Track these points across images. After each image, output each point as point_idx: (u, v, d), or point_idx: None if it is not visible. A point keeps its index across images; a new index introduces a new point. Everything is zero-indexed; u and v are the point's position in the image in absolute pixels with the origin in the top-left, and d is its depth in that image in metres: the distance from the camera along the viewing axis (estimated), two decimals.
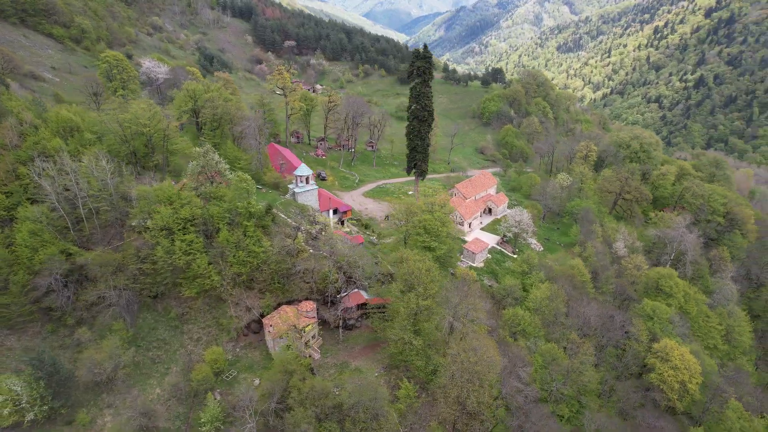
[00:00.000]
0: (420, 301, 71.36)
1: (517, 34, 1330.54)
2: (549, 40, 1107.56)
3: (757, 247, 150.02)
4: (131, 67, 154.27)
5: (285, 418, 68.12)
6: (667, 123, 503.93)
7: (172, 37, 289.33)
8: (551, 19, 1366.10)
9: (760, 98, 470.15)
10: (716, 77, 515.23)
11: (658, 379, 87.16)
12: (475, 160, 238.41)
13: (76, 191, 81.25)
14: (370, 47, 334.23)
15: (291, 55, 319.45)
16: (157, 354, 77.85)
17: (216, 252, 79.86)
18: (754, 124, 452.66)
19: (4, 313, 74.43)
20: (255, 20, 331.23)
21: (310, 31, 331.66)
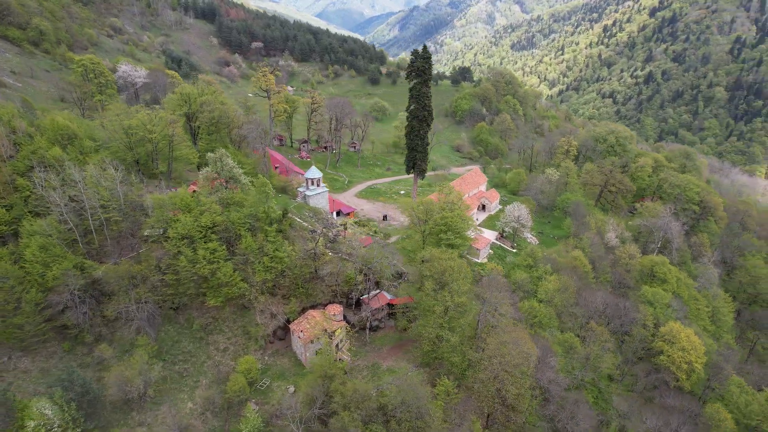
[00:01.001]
0: (455, 298, 72.31)
1: (471, 33, 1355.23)
2: (503, 39, 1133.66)
3: (726, 233, 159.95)
4: (108, 71, 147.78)
5: (329, 423, 67.55)
6: (621, 117, 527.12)
7: (134, 40, 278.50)
8: (503, 18, 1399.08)
9: (704, 92, 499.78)
10: (664, 73, 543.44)
11: (668, 361, 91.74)
12: (453, 158, 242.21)
13: (85, 202, 77.40)
14: (338, 48, 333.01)
15: (259, 56, 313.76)
16: (183, 367, 75.29)
17: (240, 259, 78.00)
18: (700, 117, 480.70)
19: (17, 334, 70.12)
20: (219, 21, 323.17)
21: (276, 32, 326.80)
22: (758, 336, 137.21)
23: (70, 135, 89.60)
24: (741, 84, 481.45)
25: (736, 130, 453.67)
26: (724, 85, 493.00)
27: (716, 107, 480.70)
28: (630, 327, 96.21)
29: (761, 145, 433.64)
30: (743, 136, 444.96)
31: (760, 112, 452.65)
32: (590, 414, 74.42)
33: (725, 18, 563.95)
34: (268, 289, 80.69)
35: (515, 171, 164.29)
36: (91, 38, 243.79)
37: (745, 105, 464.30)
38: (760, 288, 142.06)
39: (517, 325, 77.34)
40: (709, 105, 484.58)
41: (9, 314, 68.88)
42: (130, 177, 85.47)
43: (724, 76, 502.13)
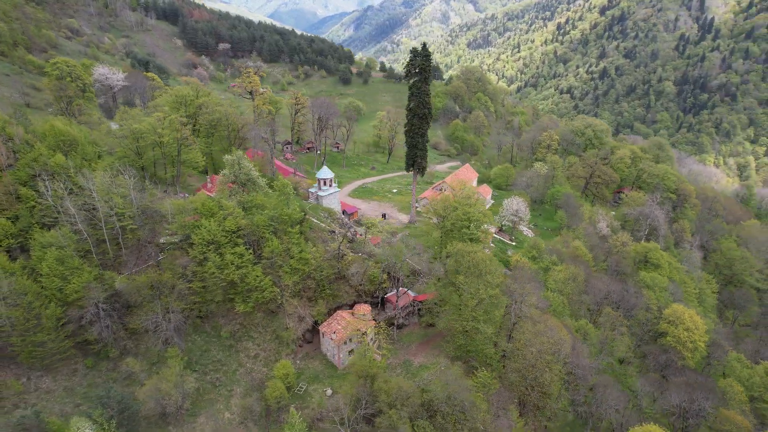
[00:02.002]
0: (489, 290, 73.44)
1: (426, 32, 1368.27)
2: (459, 37, 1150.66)
3: (700, 219, 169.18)
4: (86, 74, 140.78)
5: (375, 422, 67.28)
6: (579, 112, 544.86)
7: (95, 41, 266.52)
8: (458, 17, 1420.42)
9: (655, 87, 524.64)
10: (617, 69, 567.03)
11: (675, 341, 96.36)
12: (432, 156, 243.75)
13: (99, 210, 73.79)
14: (307, 48, 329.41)
15: (226, 58, 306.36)
16: (215, 377, 73.07)
17: (266, 263, 76.33)
18: (652, 110, 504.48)
19: (38, 353, 66.17)
20: (183, 23, 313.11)
21: (243, 33, 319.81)
22: (737, 314, 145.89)
23: (71, 141, 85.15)
24: (687, 78, 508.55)
25: (685, 122, 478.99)
26: (672, 79, 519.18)
27: (666, 101, 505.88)
28: (635, 311, 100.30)
29: (709, 136, 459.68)
30: (693, 127, 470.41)
31: (706, 105, 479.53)
32: (620, 396, 77.33)
33: (670, 16, 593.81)
34: (294, 292, 79.29)
35: (503, 166, 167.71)
36: (50, 40, 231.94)
37: (693, 98, 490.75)
38: (735, 269, 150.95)
39: (543, 315, 79.30)
40: (660, 99, 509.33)
41: (29, 332, 64.93)
42: (143, 183, 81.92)
43: (671, 71, 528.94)
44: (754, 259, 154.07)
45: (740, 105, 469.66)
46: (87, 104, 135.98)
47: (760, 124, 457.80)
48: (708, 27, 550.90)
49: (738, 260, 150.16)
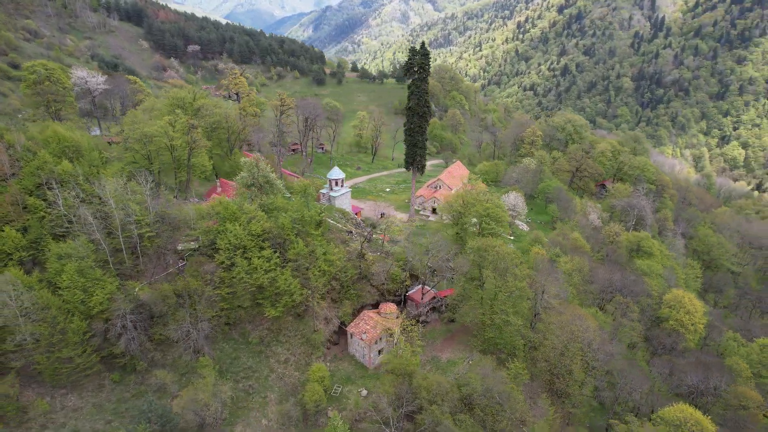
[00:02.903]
0: (517, 283, 74.92)
1: (387, 32, 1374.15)
2: (420, 37, 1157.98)
3: (677, 208, 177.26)
4: (66, 78, 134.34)
5: (416, 419, 67.57)
6: (543, 108, 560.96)
7: (55, 43, 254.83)
8: (417, 17, 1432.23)
9: (614, 83, 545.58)
10: (578, 66, 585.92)
11: (677, 324, 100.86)
12: None
13: (116, 218, 70.87)
14: (278, 49, 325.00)
15: (196, 60, 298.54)
16: (248, 384, 71.44)
17: (293, 265, 75.19)
18: (613, 105, 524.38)
19: (64, 370, 63.05)
20: (148, 24, 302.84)
21: (212, 34, 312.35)
22: (717, 298, 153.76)
23: (75, 147, 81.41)
24: (644, 74, 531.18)
25: (644, 117, 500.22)
26: (629, 75, 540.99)
27: (625, 96, 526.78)
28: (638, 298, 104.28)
29: (666, 129, 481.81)
30: (651, 121, 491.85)
31: (662, 100, 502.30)
32: (642, 379, 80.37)
33: (624, 15, 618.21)
34: (322, 294, 78.52)
35: (492, 163, 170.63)
36: (9, 42, 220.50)
37: (650, 93, 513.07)
38: (713, 255, 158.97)
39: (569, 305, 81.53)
40: (620, 94, 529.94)
41: (54, 348, 61.82)
42: (159, 188, 79.16)
43: (628, 67, 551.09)
44: (728, 244, 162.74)
45: (693, 99, 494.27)
46: (68, 109, 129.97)
47: (711, 117, 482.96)
48: (659, 25, 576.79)
49: (715, 246, 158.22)
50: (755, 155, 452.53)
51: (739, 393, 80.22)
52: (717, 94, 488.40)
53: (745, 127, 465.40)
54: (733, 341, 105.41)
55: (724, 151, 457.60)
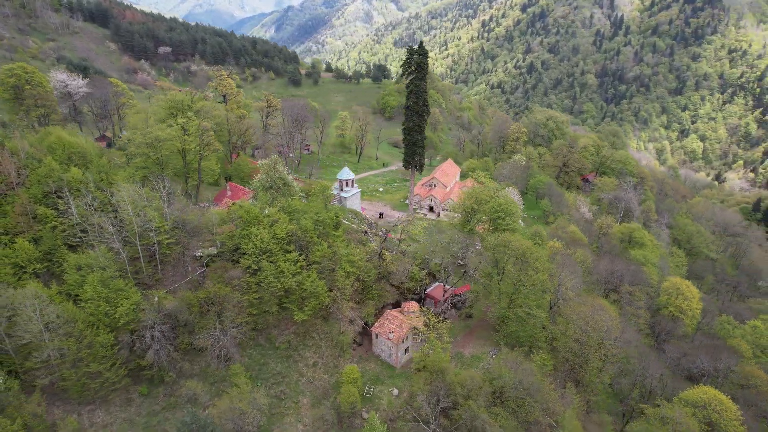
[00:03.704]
0: (539, 276, 76.51)
1: (351, 32, 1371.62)
2: (385, 36, 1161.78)
3: (658, 199, 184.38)
4: (46, 81, 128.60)
5: (452, 415, 68.13)
6: (511, 106, 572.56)
7: (19, 46, 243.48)
8: (381, 17, 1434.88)
9: (578, 80, 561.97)
10: (543, 63, 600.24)
11: (677, 310, 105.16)
12: (395, 154, 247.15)
13: (135, 225, 68.57)
14: (252, 49, 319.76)
15: (167, 62, 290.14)
16: (279, 390, 70.32)
17: (319, 267, 74.47)
18: (578, 101, 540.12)
19: (92, 385, 60.52)
20: (115, 25, 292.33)
21: (183, 35, 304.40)
22: (698, 284, 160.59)
23: (81, 153, 78.21)
24: (606, 71, 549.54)
25: (609, 112, 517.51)
26: (593, 72, 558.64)
27: (590, 92, 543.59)
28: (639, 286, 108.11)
29: (630, 124, 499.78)
30: (615, 116, 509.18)
31: (624, 95, 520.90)
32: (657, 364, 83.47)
33: (585, 14, 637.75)
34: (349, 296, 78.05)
35: (483, 160, 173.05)
36: None
37: (613, 89, 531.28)
38: (693, 243, 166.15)
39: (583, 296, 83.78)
40: (585, 90, 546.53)
41: (82, 362, 59.31)
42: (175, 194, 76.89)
43: (592, 64, 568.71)
44: (706, 233, 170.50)
45: (653, 94, 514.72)
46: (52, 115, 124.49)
47: (671, 112, 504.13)
48: (619, 24, 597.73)
49: (695, 234, 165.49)
50: (712, 147, 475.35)
51: (747, 372, 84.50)
52: (675, 89, 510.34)
53: (702, 121, 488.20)
54: (728, 324, 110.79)
55: (684, 144, 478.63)
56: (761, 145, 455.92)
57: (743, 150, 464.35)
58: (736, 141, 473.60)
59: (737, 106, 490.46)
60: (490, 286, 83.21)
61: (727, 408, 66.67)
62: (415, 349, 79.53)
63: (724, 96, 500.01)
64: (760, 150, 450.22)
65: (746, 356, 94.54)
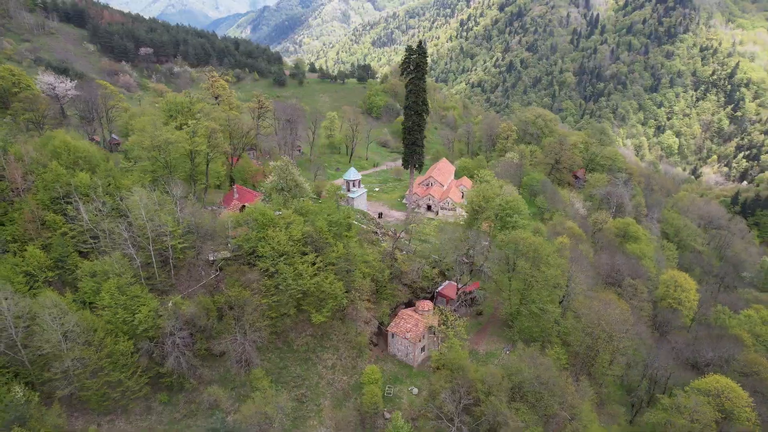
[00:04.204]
0: (553, 271, 77.63)
1: (328, 32, 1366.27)
2: (363, 36, 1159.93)
3: (645, 194, 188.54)
4: (33, 84, 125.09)
5: (474, 411, 68.61)
6: (492, 104, 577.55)
7: None
8: (358, 16, 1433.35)
9: (557, 78, 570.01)
10: (522, 62, 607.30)
11: (675, 302, 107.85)
12: (384, 154, 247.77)
13: (148, 230, 67.22)
14: (235, 50, 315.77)
15: (149, 63, 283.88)
16: (300, 392, 69.86)
17: (336, 268, 74.14)
18: (557, 99, 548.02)
19: (112, 394, 59.17)
20: (94, 26, 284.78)
21: (164, 36, 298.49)
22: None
23: (87, 157, 76.31)
24: (584, 69, 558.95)
25: (587, 109, 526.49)
26: (571, 70, 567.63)
27: (569, 90, 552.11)
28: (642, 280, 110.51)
29: (608, 121, 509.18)
30: (594, 113, 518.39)
31: (603, 93, 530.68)
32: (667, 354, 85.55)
33: (562, 13, 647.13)
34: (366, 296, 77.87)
35: (477, 158, 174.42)
36: None
37: (591, 87, 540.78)
38: (681, 236, 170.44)
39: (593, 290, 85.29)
40: (563, 88, 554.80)
41: (102, 371, 57.93)
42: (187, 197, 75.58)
43: (570, 63, 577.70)
44: (693, 226, 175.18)
45: (630, 92, 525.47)
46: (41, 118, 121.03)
47: (647, 109, 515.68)
48: (595, 23, 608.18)
49: (683, 228, 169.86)
50: (687, 143, 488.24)
51: (750, 360, 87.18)
52: (651, 86, 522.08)
53: (677, 117, 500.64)
54: (723, 314, 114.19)
55: (660, 139, 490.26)
56: (733, 140, 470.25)
57: (716, 145, 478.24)
58: (709, 136, 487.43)
59: (710, 102, 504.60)
60: (500, 282, 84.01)
61: (739, 395, 68.84)
62: (431, 348, 79.91)
63: (698, 93, 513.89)
64: (733, 145, 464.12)
65: (747, 344, 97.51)
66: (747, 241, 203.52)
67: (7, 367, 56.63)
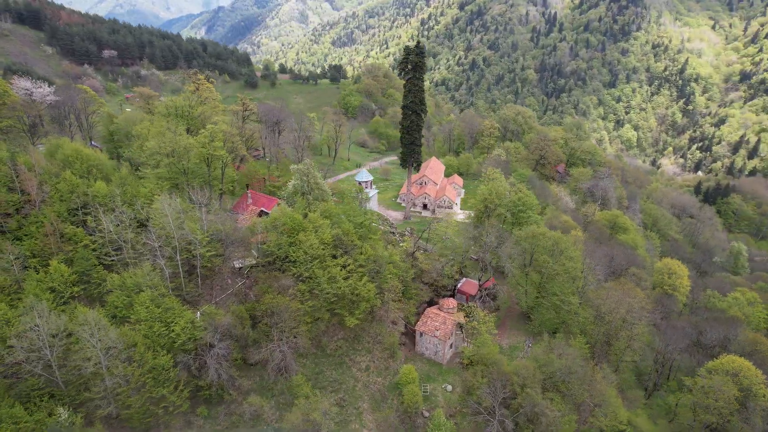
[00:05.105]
0: (573, 264, 79.92)
1: (287, 32, 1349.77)
2: (323, 36, 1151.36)
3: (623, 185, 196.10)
4: (11, 91, 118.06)
5: (512, 405, 69.96)
6: (456, 102, 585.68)
7: None
8: (316, 16, 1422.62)
9: (519, 75, 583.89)
10: (485, 60, 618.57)
11: (671, 289, 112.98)
12: (364, 154, 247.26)
13: (176, 240, 65.17)
14: (203, 52, 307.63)
15: (113, 66, 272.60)
16: (339, 397, 69.26)
17: (365, 270, 73.81)
18: (520, 96, 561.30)
19: (157, 411, 57.03)
20: (52, 27, 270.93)
21: (128, 38, 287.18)
22: None
23: (99, 165, 73.11)
24: (545, 66, 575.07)
25: (550, 105, 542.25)
26: (533, 67, 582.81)
27: (531, 87, 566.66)
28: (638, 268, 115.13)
29: (570, 116, 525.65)
30: (557, 109, 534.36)
31: (564, 89, 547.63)
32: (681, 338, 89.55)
33: (521, 11, 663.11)
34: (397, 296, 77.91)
35: (465, 156, 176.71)
36: None
37: (552, 83, 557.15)
38: (659, 225, 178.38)
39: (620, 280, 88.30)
40: (526, 85, 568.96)
41: (145, 387, 55.79)
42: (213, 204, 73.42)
43: (531, 60, 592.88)
44: (669, 215, 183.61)
45: (590, 87, 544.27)
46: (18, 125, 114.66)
47: (606, 104, 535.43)
48: (553, 21, 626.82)
49: (660, 217, 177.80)
50: (645, 136, 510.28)
51: (752, 339, 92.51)
52: (609, 82, 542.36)
53: (634, 111, 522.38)
54: (713, 298, 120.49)
55: (620, 133, 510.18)
56: (687, 132, 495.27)
57: (672, 138, 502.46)
58: (665, 129, 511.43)
59: (663, 97, 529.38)
60: (518, 276, 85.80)
61: (755, 373, 73.10)
62: (457, 345, 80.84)
63: (652, 88, 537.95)
64: (686, 137, 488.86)
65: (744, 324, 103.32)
66: (716, 228, 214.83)
67: (42, 388, 53.80)
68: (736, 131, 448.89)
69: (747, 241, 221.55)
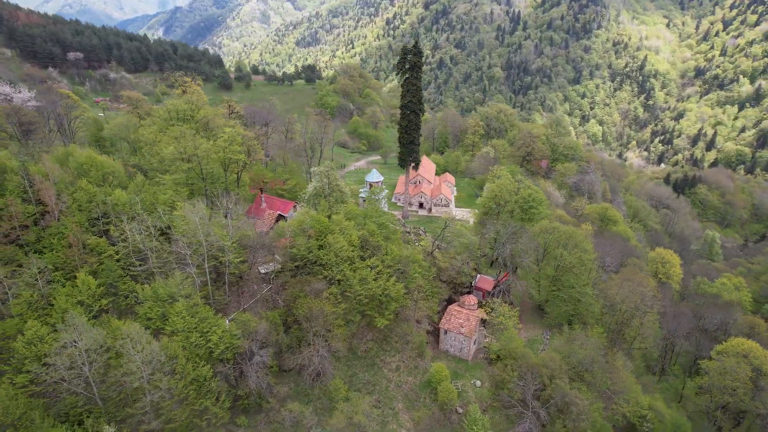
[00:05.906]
0: (588, 256, 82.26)
1: (249, 33, 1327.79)
2: (286, 36, 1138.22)
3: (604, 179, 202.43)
4: None
5: (541, 396, 71.48)
6: (426, 101, 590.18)
7: None
8: (278, 17, 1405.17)
9: (486, 73, 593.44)
10: (452, 59, 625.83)
11: (665, 277, 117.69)
12: (346, 155, 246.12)
13: (204, 247, 63.69)
14: (174, 54, 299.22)
15: (79, 69, 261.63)
16: (374, 398, 69.06)
17: (392, 270, 73.88)
18: (488, 94, 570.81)
19: (200, 423, 55.67)
20: (10, 28, 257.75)
21: (94, 39, 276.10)
22: None
23: (113, 172, 70.51)
24: (512, 64, 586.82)
25: (517, 102, 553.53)
26: (499, 65, 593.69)
27: (498, 84, 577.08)
28: None
29: (537, 112, 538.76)
30: (524, 106, 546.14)
31: (530, 86, 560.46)
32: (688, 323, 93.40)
33: (486, 10, 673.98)
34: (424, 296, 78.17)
35: (454, 154, 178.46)
36: None
37: (519, 81, 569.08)
38: (640, 216, 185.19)
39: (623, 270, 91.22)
40: (493, 83, 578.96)
41: (188, 399, 54.35)
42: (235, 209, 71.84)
43: (497, 58, 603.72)
44: (648, 206, 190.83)
45: (555, 84, 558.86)
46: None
47: (572, 100, 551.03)
48: (517, 19, 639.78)
49: (641, 209, 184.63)
50: (610, 131, 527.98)
51: (749, 321, 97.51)
52: (574, 79, 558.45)
53: (599, 107, 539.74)
54: (703, 284, 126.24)
55: (586, 128, 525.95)
56: (648, 126, 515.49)
57: (635, 132, 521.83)
58: (628, 124, 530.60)
59: (625, 92, 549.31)
60: (531, 270, 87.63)
61: (763, 353, 77.18)
62: (481, 341, 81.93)
63: (614, 84, 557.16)
64: (648, 131, 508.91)
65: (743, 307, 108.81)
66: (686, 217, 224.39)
67: (81, 406, 51.62)
68: (694, 124, 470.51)
69: (714, 228, 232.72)
